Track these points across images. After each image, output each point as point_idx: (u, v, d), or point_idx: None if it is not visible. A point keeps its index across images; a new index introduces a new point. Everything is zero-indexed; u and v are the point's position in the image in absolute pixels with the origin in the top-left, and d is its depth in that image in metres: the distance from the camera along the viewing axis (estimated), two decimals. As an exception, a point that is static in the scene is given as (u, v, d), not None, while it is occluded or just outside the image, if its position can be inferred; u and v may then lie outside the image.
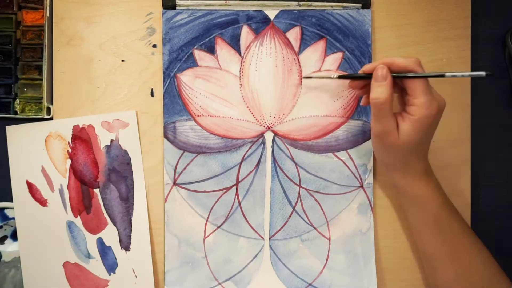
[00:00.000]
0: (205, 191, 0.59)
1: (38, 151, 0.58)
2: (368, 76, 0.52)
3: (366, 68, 0.52)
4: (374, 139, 0.52)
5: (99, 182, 0.58)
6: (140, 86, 0.59)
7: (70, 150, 0.58)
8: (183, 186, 0.58)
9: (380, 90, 0.49)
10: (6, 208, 0.59)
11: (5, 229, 0.60)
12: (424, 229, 0.54)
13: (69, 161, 0.58)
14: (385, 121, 0.49)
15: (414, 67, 0.50)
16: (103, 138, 0.58)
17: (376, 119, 0.50)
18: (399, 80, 0.51)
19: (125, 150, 0.59)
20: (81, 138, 0.58)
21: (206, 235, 0.59)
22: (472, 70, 0.60)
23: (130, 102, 0.59)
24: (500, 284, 0.52)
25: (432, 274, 0.55)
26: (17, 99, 0.59)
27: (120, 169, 0.58)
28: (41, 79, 0.58)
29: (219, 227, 0.59)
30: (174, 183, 0.58)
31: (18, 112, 0.59)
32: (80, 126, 0.58)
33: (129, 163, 0.58)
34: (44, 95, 0.58)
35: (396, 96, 0.54)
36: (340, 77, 0.55)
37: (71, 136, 0.58)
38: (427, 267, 0.56)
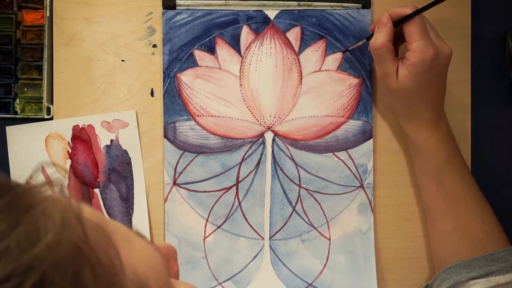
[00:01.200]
0: (205, 191, 0.58)
1: (38, 151, 0.58)
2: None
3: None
4: (380, 82, 0.54)
5: (99, 182, 0.58)
6: (140, 86, 0.59)
7: (70, 150, 0.58)
8: (183, 186, 0.58)
9: (377, 35, 0.51)
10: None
11: (5, 229, 0.59)
12: (425, 179, 0.55)
13: (69, 161, 0.58)
14: (383, 65, 0.52)
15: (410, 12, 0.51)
16: (103, 138, 0.58)
17: (376, 63, 0.53)
18: (402, 29, 0.52)
19: (125, 150, 0.59)
20: (81, 138, 0.58)
21: (206, 235, 0.58)
22: (472, 71, 0.60)
23: (130, 102, 0.59)
24: (498, 242, 0.53)
25: (430, 224, 0.57)
26: (17, 99, 0.59)
27: (120, 169, 0.58)
28: (41, 79, 0.58)
29: (219, 227, 0.59)
30: (174, 183, 0.58)
31: (18, 112, 0.59)
32: (80, 126, 0.58)
33: (129, 163, 0.58)
34: (44, 95, 0.58)
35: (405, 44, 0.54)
36: (367, 38, 0.56)
37: (71, 136, 0.58)
38: (427, 217, 0.57)
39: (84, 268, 0.20)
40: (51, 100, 0.59)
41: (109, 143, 0.58)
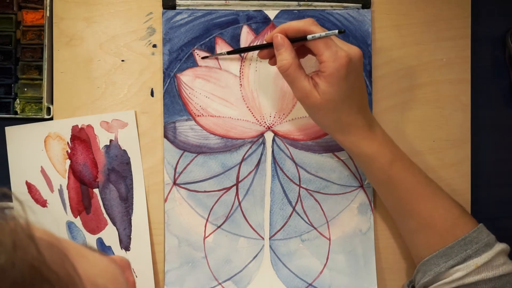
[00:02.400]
0: (205, 191, 0.58)
1: (37, 151, 0.58)
2: (265, 45, 0.54)
3: (268, 38, 0.53)
4: (302, 105, 0.52)
5: (98, 182, 0.58)
6: (140, 86, 0.59)
7: (69, 151, 0.58)
8: (183, 186, 0.58)
9: (280, 57, 0.50)
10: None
11: (5, 229, 0.59)
12: (379, 187, 0.55)
13: (68, 162, 0.58)
14: (298, 85, 0.50)
15: (309, 28, 0.50)
16: (102, 138, 0.58)
17: (291, 85, 0.51)
18: (304, 43, 0.51)
19: (124, 150, 0.58)
20: (80, 138, 0.58)
21: (206, 235, 0.58)
22: (472, 71, 0.60)
23: (130, 102, 0.59)
24: (466, 226, 0.52)
25: (397, 225, 0.57)
26: (17, 99, 0.59)
27: (120, 169, 0.58)
28: (41, 79, 0.58)
29: (219, 227, 0.59)
30: (174, 183, 0.58)
31: (18, 112, 0.59)
32: (79, 126, 0.58)
33: (128, 163, 0.58)
34: (44, 95, 0.58)
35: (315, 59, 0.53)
36: (230, 52, 0.56)
37: (70, 136, 0.58)
38: (393, 219, 0.57)
39: (43, 287, 0.20)
40: (51, 100, 0.59)
41: (108, 143, 0.58)
